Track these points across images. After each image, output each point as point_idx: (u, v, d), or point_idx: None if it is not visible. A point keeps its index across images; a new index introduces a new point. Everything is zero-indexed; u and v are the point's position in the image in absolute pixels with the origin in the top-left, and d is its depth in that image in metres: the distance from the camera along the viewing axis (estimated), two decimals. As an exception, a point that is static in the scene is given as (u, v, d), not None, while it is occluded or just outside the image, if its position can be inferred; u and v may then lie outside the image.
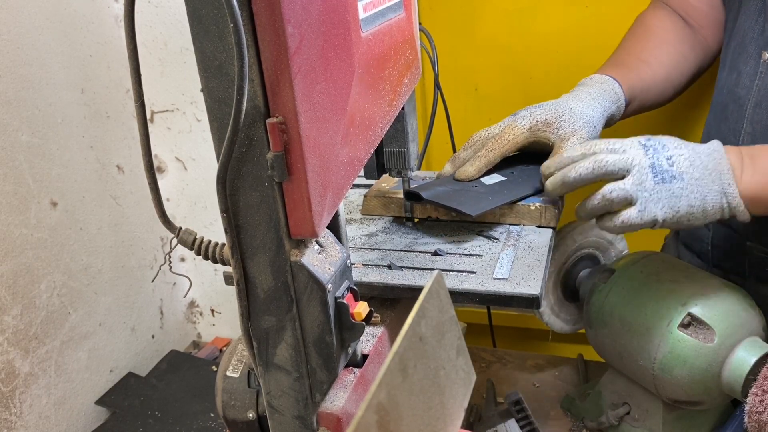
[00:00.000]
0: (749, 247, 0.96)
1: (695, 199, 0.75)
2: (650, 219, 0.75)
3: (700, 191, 0.75)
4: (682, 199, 0.75)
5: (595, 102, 0.91)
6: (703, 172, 0.76)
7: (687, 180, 0.75)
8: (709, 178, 0.76)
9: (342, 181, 0.56)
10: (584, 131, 0.87)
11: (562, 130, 0.87)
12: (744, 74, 0.92)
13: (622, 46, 1.05)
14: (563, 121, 0.87)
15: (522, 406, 0.95)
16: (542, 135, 0.88)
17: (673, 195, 0.75)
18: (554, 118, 0.88)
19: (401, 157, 0.82)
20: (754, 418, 0.70)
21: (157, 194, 0.57)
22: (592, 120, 0.88)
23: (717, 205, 0.76)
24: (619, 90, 0.94)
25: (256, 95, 0.48)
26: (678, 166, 0.76)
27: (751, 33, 0.92)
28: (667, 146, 0.77)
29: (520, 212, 0.87)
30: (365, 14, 0.59)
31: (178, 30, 1.18)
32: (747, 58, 0.92)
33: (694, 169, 0.76)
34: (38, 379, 1.04)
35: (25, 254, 1.00)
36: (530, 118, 0.89)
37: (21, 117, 0.98)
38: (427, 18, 1.29)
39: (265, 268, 0.54)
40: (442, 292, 0.50)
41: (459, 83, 1.31)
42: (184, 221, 1.34)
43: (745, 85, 0.92)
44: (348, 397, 0.61)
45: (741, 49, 0.93)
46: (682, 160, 0.76)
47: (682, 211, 0.76)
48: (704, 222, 0.77)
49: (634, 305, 0.85)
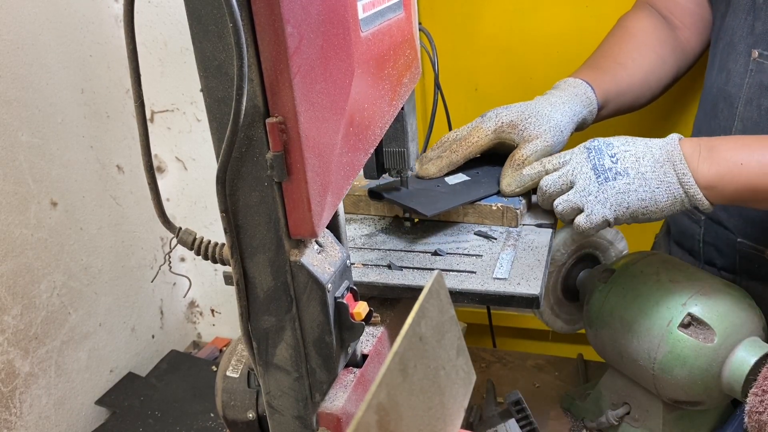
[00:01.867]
0: (740, 244, 0.97)
1: (644, 192, 0.76)
2: (599, 221, 0.77)
3: (648, 184, 0.76)
4: (630, 195, 0.76)
5: (565, 106, 0.91)
6: (653, 165, 0.76)
7: (633, 175, 0.76)
8: (661, 170, 0.76)
9: (342, 181, 0.56)
10: (549, 135, 0.87)
11: (526, 132, 0.88)
12: (734, 72, 0.93)
13: (601, 47, 1.06)
14: (528, 124, 0.88)
15: (522, 406, 0.95)
16: (507, 136, 0.89)
17: (620, 192, 0.77)
18: (520, 120, 0.88)
19: (401, 157, 0.82)
20: (754, 418, 0.70)
21: (157, 194, 0.57)
22: (560, 124, 0.89)
23: (671, 196, 0.76)
24: (591, 94, 0.95)
25: (256, 95, 0.48)
26: (622, 163, 0.77)
27: (740, 31, 0.92)
28: (613, 144, 0.79)
29: (483, 212, 0.88)
30: (365, 14, 0.59)
31: (178, 30, 1.18)
32: (737, 56, 0.93)
33: (641, 164, 0.76)
34: (38, 379, 1.04)
35: (25, 254, 1.00)
36: (496, 119, 0.89)
37: (21, 117, 0.98)
38: (427, 18, 1.29)
39: (265, 268, 0.54)
40: (442, 292, 0.50)
41: (459, 83, 1.31)
42: (184, 221, 1.34)
43: (735, 83, 0.93)
44: (348, 397, 0.61)
45: (730, 48, 0.94)
46: (627, 156, 0.77)
47: (633, 206, 0.77)
48: (662, 215, 0.78)
49: (634, 305, 0.85)
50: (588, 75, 0.97)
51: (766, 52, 0.88)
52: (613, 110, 1.01)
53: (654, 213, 0.77)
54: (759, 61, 0.89)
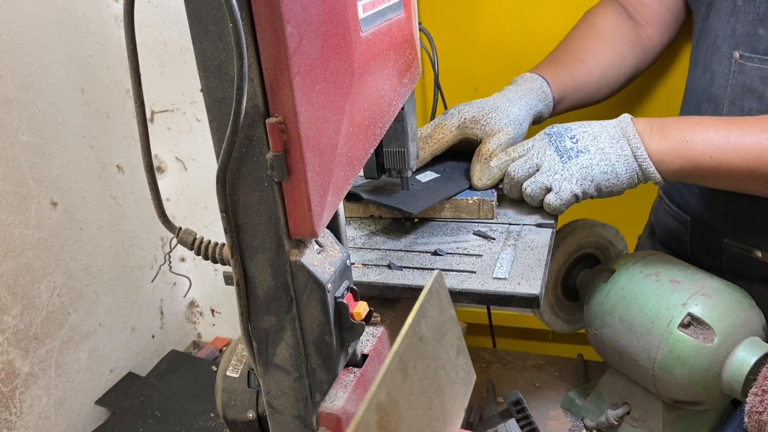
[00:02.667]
0: (726, 244, 0.97)
1: (606, 165, 0.81)
2: (568, 196, 0.82)
3: (608, 158, 0.81)
4: (593, 168, 0.82)
5: (521, 101, 0.95)
6: (610, 141, 0.82)
7: (593, 151, 0.82)
8: (617, 144, 0.82)
9: (342, 181, 0.56)
10: (510, 128, 0.91)
11: (488, 126, 0.91)
12: (718, 74, 0.94)
13: (563, 42, 1.09)
14: (489, 119, 0.91)
15: (522, 406, 0.95)
16: (470, 132, 0.93)
17: (583, 167, 0.82)
18: (481, 115, 0.92)
19: (401, 157, 0.82)
20: (754, 418, 0.70)
21: (157, 194, 0.57)
22: (518, 118, 0.93)
23: (629, 168, 0.81)
24: (547, 89, 0.99)
25: (256, 95, 0.48)
26: (582, 142, 0.83)
27: (723, 33, 0.93)
28: (571, 128, 0.85)
29: (459, 206, 0.90)
30: (365, 14, 0.59)
31: (178, 30, 1.18)
32: (720, 57, 0.94)
33: (599, 141, 0.82)
34: (38, 379, 1.04)
35: (25, 254, 1.00)
36: (458, 116, 0.93)
37: (21, 117, 0.98)
38: (427, 18, 1.29)
39: (265, 268, 0.54)
40: (442, 292, 0.50)
41: (459, 83, 1.31)
42: (184, 221, 1.34)
43: (720, 84, 0.93)
44: (348, 397, 0.61)
45: (714, 50, 0.95)
46: (585, 136, 0.83)
47: (597, 179, 0.82)
48: (622, 188, 0.83)
49: (634, 305, 0.85)
50: (545, 70, 1.02)
51: (746, 53, 0.89)
52: (571, 104, 1.05)
53: (616, 186, 0.82)
54: (740, 63, 0.90)
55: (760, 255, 0.94)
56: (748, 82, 0.90)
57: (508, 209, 0.91)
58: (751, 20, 0.89)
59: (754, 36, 0.89)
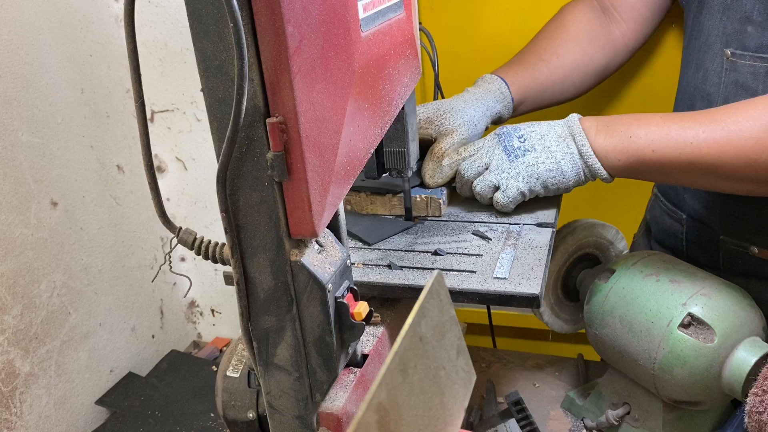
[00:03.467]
0: (722, 241, 0.97)
1: (551, 163, 0.84)
2: (515, 194, 0.85)
3: (554, 156, 0.84)
4: (539, 166, 0.84)
5: (478, 102, 0.98)
6: (557, 140, 0.84)
7: (539, 150, 0.84)
8: (563, 143, 0.84)
9: (342, 181, 0.56)
10: (463, 128, 0.93)
11: (442, 126, 0.93)
12: (711, 71, 0.94)
13: (531, 41, 1.10)
14: (444, 119, 0.94)
15: (522, 406, 0.95)
16: (424, 132, 0.94)
17: (529, 165, 0.84)
18: (435, 116, 0.94)
19: (401, 157, 0.82)
20: (754, 418, 0.70)
21: (157, 194, 0.57)
22: (473, 119, 0.95)
23: (575, 165, 0.83)
24: (505, 89, 1.01)
25: (256, 95, 0.48)
26: (529, 141, 0.85)
27: (716, 31, 0.93)
28: (519, 128, 0.87)
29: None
30: (365, 14, 0.59)
31: (178, 30, 1.18)
32: (713, 55, 0.94)
33: (545, 140, 0.85)
34: (38, 379, 1.04)
35: (25, 254, 1.00)
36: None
37: (21, 117, 0.98)
38: (427, 18, 1.29)
39: (265, 268, 0.54)
40: (442, 292, 0.50)
41: (459, 83, 1.30)
42: (184, 221, 1.34)
43: (713, 82, 0.94)
44: (348, 397, 0.61)
45: (706, 48, 0.95)
46: (533, 135, 0.85)
47: (543, 176, 0.84)
48: (569, 185, 0.85)
49: (634, 305, 0.85)
50: (507, 71, 1.04)
51: (738, 51, 0.90)
52: (534, 104, 1.06)
53: (562, 182, 0.85)
54: (732, 60, 0.90)
55: (757, 251, 0.94)
56: (741, 79, 0.90)
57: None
58: (739, 18, 0.89)
59: (744, 33, 0.89)
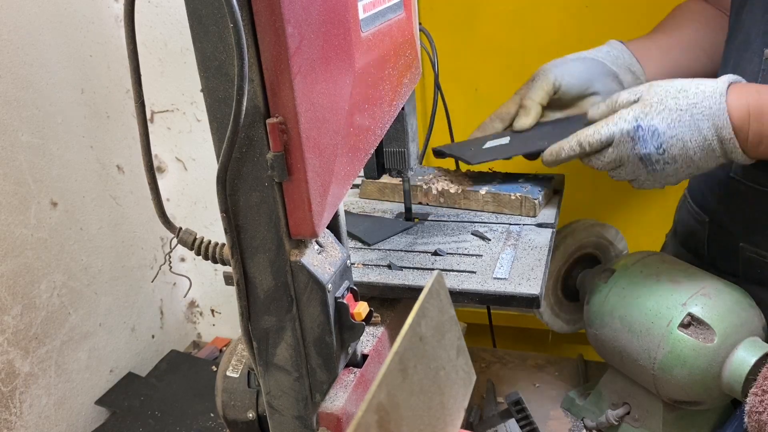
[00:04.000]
0: (742, 248, 0.96)
1: (691, 169, 0.77)
2: (650, 187, 0.80)
3: (696, 164, 0.77)
4: (679, 175, 0.78)
5: (598, 53, 0.97)
6: (701, 148, 0.75)
7: (680, 161, 0.77)
8: (709, 149, 0.75)
9: (342, 181, 0.56)
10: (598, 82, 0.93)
11: (574, 91, 0.94)
12: (748, 72, 0.92)
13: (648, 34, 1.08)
14: (574, 85, 0.94)
15: (522, 406, 0.95)
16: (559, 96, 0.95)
17: (669, 175, 0.78)
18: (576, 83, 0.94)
19: (401, 157, 0.82)
20: (754, 418, 0.70)
21: (157, 194, 0.57)
22: (595, 73, 0.95)
23: (715, 163, 0.77)
24: (620, 46, 0.99)
25: (256, 95, 0.48)
26: (670, 152, 0.76)
27: (756, 29, 0.91)
28: (658, 131, 0.76)
29: (502, 201, 0.91)
30: (365, 14, 0.59)
31: (178, 30, 1.18)
32: (751, 55, 0.92)
33: (687, 149, 0.76)
34: (38, 379, 1.04)
35: (25, 254, 1.00)
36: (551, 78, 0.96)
37: (21, 117, 0.98)
38: (427, 18, 1.29)
39: (265, 268, 0.54)
40: (442, 292, 0.50)
41: (459, 83, 1.31)
42: (184, 221, 1.34)
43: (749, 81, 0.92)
44: (348, 397, 0.61)
45: (746, 46, 0.93)
46: (674, 143, 0.75)
47: (675, 181, 0.79)
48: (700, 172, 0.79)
49: (634, 305, 0.85)
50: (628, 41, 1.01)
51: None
52: (672, 66, 1.02)
53: (693, 176, 0.80)
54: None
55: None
56: None
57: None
58: None
59: None
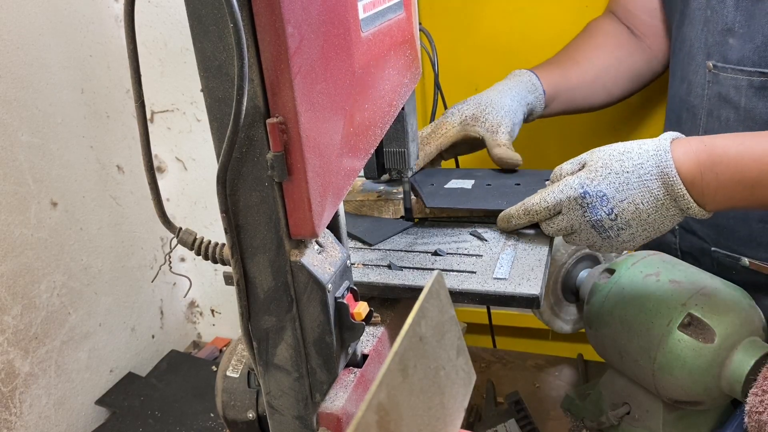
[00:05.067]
0: (715, 253, 0.98)
1: (649, 233, 0.74)
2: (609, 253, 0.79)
3: (652, 226, 0.73)
4: (636, 239, 0.74)
5: (511, 92, 0.98)
6: (655, 208, 0.71)
7: (635, 225, 0.73)
8: (663, 209, 0.71)
9: (342, 181, 0.56)
10: (507, 120, 0.94)
11: (488, 122, 0.94)
12: (695, 83, 0.94)
13: (562, 49, 1.12)
14: (488, 114, 0.95)
15: (522, 406, 0.95)
16: (472, 129, 0.95)
17: (625, 241, 0.75)
18: (479, 111, 0.95)
19: (401, 157, 0.82)
20: (754, 418, 0.70)
21: (157, 194, 0.57)
22: (512, 109, 0.96)
23: (673, 223, 0.73)
24: (536, 81, 1.01)
25: (256, 95, 0.48)
26: (622, 218, 0.72)
27: (698, 43, 0.93)
28: (606, 197, 0.72)
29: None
30: (365, 14, 0.59)
31: (178, 30, 1.18)
32: (696, 67, 0.93)
33: (641, 212, 0.72)
34: (38, 379, 1.04)
35: (25, 254, 1.00)
36: (459, 114, 0.96)
37: (21, 117, 0.98)
38: (427, 18, 1.29)
39: (265, 268, 0.54)
40: (442, 292, 0.50)
41: (459, 83, 1.31)
42: (184, 221, 1.34)
43: (697, 93, 0.94)
44: (348, 397, 0.61)
45: (689, 59, 0.95)
46: (625, 207, 0.72)
47: (638, 244, 0.75)
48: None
49: (634, 305, 0.85)
50: (538, 68, 1.04)
51: (719, 63, 0.89)
52: (566, 104, 1.06)
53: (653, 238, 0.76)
54: (714, 72, 0.90)
55: (748, 263, 0.94)
56: (723, 91, 0.90)
57: None
58: (720, 30, 0.89)
59: (725, 45, 0.88)
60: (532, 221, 0.79)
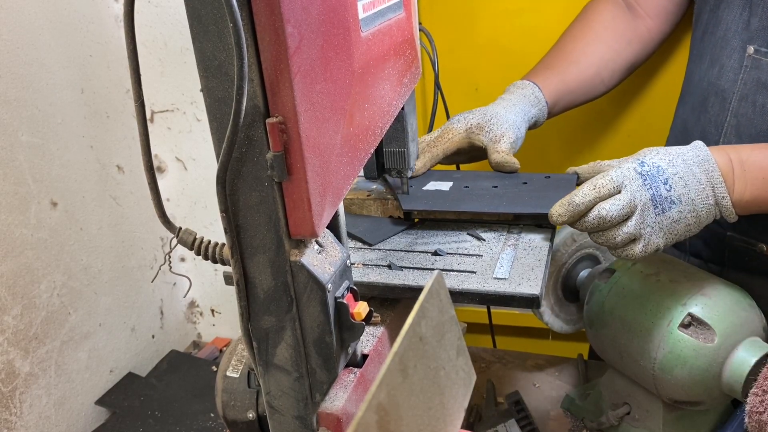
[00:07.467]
0: (730, 238, 0.97)
1: (692, 218, 0.77)
2: (653, 250, 0.77)
3: (696, 210, 0.77)
4: (681, 222, 0.77)
5: (516, 107, 0.99)
6: (698, 190, 0.77)
7: (684, 202, 0.76)
8: (704, 193, 0.77)
9: (342, 181, 0.56)
10: (510, 132, 0.95)
11: (492, 133, 0.95)
12: (728, 68, 0.93)
13: (557, 42, 1.11)
14: (492, 125, 0.96)
15: (522, 406, 0.95)
16: (476, 138, 0.96)
17: (673, 221, 0.77)
18: (484, 122, 0.96)
19: (401, 157, 0.82)
20: (755, 418, 0.70)
21: (157, 194, 0.57)
22: (515, 123, 0.97)
23: (711, 216, 0.78)
24: (539, 94, 1.02)
25: (256, 95, 0.48)
26: (675, 189, 0.76)
27: (735, 27, 0.92)
28: (661, 168, 0.77)
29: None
30: (365, 14, 0.59)
31: (178, 30, 1.18)
32: (731, 51, 0.93)
33: (689, 189, 0.76)
34: (38, 379, 1.04)
35: (25, 254, 1.00)
36: (465, 122, 0.97)
37: (21, 117, 0.98)
38: (427, 18, 1.29)
39: (265, 268, 0.54)
40: (442, 292, 0.50)
41: (459, 83, 1.31)
42: (184, 221, 1.34)
43: (729, 78, 0.93)
44: (348, 397, 0.61)
45: (724, 43, 0.94)
46: (677, 181, 0.76)
47: (680, 233, 0.77)
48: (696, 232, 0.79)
49: (634, 305, 0.85)
50: (538, 76, 1.05)
51: (763, 48, 0.89)
52: (566, 106, 1.07)
53: (692, 233, 0.78)
54: (755, 58, 0.89)
55: (765, 249, 0.94)
56: (763, 77, 0.89)
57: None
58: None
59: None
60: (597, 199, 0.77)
